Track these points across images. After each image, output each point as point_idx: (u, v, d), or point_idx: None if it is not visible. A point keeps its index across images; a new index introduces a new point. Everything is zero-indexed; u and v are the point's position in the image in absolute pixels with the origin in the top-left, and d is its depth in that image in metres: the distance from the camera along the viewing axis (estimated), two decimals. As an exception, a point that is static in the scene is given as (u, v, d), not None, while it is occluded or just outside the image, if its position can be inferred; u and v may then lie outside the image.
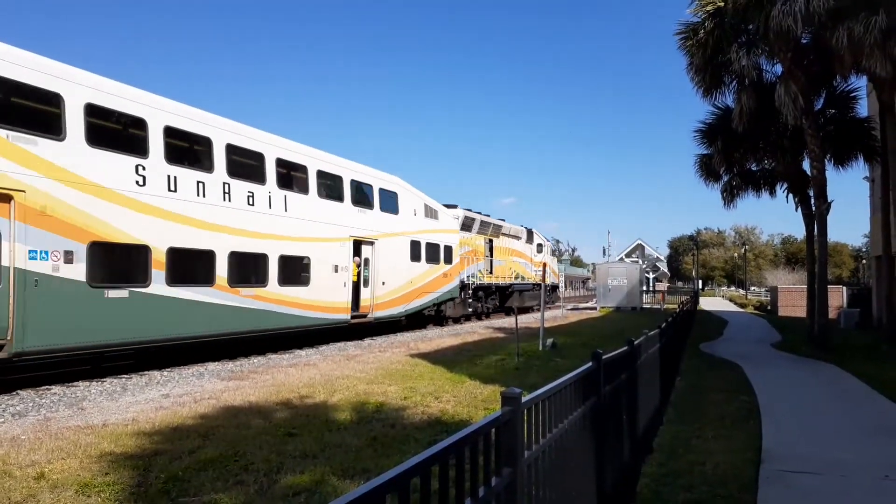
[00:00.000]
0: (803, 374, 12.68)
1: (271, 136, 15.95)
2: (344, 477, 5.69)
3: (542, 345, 15.98)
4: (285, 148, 16.37)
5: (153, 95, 12.79)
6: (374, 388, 10.20)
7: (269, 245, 15.28)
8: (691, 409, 9.01)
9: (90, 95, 11.28)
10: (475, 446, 2.09)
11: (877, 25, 13.44)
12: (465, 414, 8.36)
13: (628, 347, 5.13)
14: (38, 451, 6.49)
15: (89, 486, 5.42)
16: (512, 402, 2.34)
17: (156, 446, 6.67)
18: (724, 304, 56.10)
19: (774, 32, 14.73)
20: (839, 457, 6.47)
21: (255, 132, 15.41)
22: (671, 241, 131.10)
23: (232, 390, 10.07)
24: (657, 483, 5.64)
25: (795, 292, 37.30)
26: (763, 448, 6.81)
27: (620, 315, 33.86)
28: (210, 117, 14.14)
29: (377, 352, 15.67)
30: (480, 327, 24.53)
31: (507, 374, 11.97)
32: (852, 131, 19.19)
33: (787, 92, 15.89)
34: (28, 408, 9.35)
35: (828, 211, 17.18)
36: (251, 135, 15.21)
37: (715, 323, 28.92)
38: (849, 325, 25.81)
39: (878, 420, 8.43)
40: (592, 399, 3.74)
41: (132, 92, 12.28)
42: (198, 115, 13.79)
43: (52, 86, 10.63)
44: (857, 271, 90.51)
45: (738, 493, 5.39)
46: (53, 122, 10.66)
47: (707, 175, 21.07)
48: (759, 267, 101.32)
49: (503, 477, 2.27)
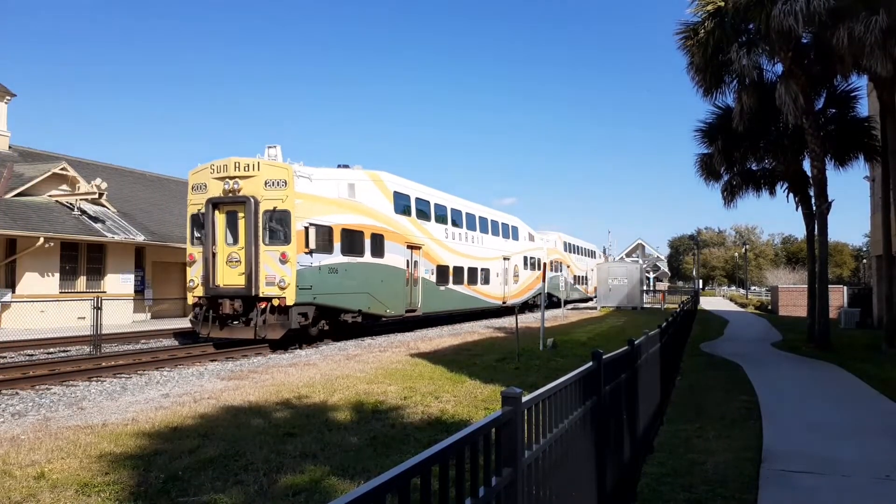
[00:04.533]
0: (804, 374, 12.67)
1: (472, 204, 28.73)
2: (344, 477, 5.68)
3: (542, 344, 15.98)
4: (478, 208, 29.23)
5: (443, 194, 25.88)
6: (374, 387, 10.19)
7: (477, 262, 27.86)
8: (692, 408, 9.00)
9: (437, 199, 25.02)
10: (475, 446, 2.09)
11: (877, 25, 13.42)
12: (465, 414, 8.36)
13: (628, 347, 5.12)
14: (38, 450, 6.48)
15: (89, 485, 5.42)
16: (512, 401, 2.34)
17: (155, 446, 6.67)
18: (725, 303, 56.08)
19: (775, 32, 14.71)
20: (840, 456, 6.46)
21: (470, 204, 28.43)
22: (671, 241, 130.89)
23: (232, 390, 10.06)
24: (658, 482, 5.63)
25: (796, 292, 37.30)
26: (764, 447, 6.80)
27: (621, 315, 33.85)
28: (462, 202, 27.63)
29: (377, 351, 15.66)
30: (481, 327, 24.52)
31: (508, 374, 11.96)
32: (853, 131, 19.16)
33: (787, 91, 15.86)
34: (28, 407, 9.35)
35: (828, 210, 17.16)
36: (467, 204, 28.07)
37: (715, 322, 28.91)
38: (849, 324, 25.80)
39: (879, 420, 8.42)
40: (593, 399, 3.73)
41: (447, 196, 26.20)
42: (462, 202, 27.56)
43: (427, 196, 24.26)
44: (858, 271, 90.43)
45: (739, 493, 5.38)
46: (427, 214, 23.97)
47: (707, 174, 21.03)
48: (760, 266, 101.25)
49: (503, 477, 2.26)
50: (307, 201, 16.69)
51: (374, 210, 19.97)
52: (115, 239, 26.15)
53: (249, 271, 16.07)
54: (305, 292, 16.42)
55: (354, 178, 19.51)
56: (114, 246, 26.91)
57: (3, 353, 15.60)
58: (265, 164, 16.55)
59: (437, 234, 24.28)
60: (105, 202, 27.62)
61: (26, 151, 29.79)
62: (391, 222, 20.87)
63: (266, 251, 16.18)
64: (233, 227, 16.67)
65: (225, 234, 16.73)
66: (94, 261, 26.77)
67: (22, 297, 22.63)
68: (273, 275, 16.06)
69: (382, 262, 20.07)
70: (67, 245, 25.41)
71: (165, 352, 16.29)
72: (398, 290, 21.06)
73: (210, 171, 16.97)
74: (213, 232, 16.55)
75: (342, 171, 19.83)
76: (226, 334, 16.63)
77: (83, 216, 25.94)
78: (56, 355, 16.00)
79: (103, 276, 27.06)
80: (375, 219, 19.92)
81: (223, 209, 16.75)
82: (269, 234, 16.28)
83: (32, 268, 24.16)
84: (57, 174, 26.53)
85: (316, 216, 16.95)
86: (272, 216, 16.24)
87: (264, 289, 16.10)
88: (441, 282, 24.52)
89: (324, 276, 17.14)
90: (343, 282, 18.04)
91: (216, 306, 16.41)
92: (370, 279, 19.36)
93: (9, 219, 22.73)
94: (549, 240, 41.06)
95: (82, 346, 17.26)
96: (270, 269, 16.10)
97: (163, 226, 30.09)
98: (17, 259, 23.89)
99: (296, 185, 16.34)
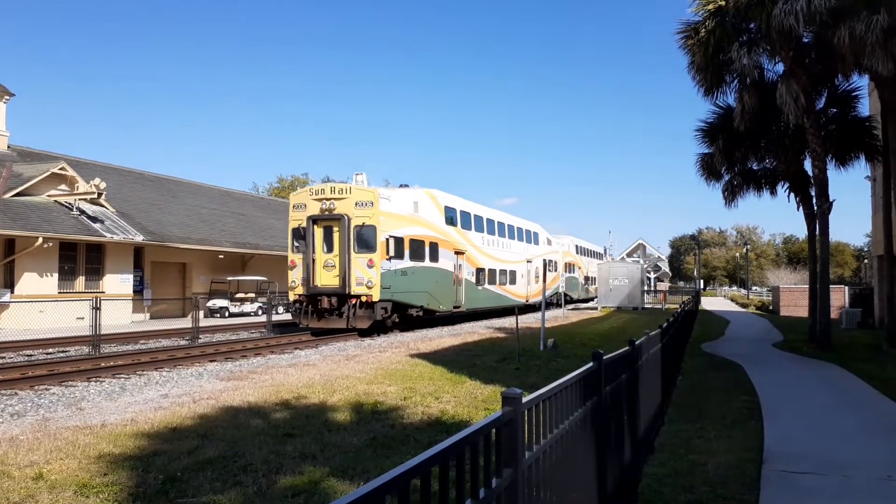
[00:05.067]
0: (805, 374, 12.65)
1: (502, 213, 33.43)
2: (343, 478, 5.65)
3: (542, 345, 15.95)
4: (506, 217, 33.58)
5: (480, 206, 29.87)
6: (373, 388, 10.16)
7: (506, 265, 31.68)
8: (693, 408, 8.97)
9: (476, 210, 28.44)
10: (475, 447, 2.07)
11: (878, 24, 13.39)
12: (465, 414, 8.33)
13: (629, 347, 5.09)
14: (37, 451, 6.46)
15: (88, 486, 5.39)
16: (512, 402, 2.32)
17: (154, 447, 6.64)
18: (726, 303, 56.08)
19: (776, 31, 14.68)
20: (841, 457, 6.43)
21: (500, 213, 32.92)
22: (673, 241, 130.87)
23: (231, 390, 10.04)
24: (659, 483, 5.60)
25: (797, 292, 37.26)
26: (765, 448, 6.77)
27: (622, 315, 33.83)
28: (494, 212, 32.06)
29: (377, 352, 15.64)
30: (481, 327, 24.50)
31: (508, 375, 11.94)
32: (854, 130, 19.13)
33: (788, 91, 15.83)
34: (27, 408, 9.33)
35: (829, 210, 17.13)
36: (498, 214, 32.50)
37: (717, 323, 28.89)
38: (851, 324, 25.77)
39: (880, 420, 8.39)
40: (593, 399, 3.71)
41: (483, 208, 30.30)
42: (494, 212, 31.87)
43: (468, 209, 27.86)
44: (859, 271, 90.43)
45: (740, 494, 5.36)
46: (468, 224, 27.31)
47: (708, 174, 20.99)
48: (761, 267, 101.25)
49: (504, 478, 2.24)
50: (388, 218, 20.93)
51: (430, 222, 24.20)
52: (114, 239, 26.15)
53: (343, 274, 20.01)
54: (386, 291, 20.40)
55: (417, 197, 23.97)
56: (113, 246, 26.91)
57: (1, 354, 15.59)
58: (356, 188, 20.91)
59: (476, 241, 28.31)
60: (104, 202, 27.61)
61: (25, 151, 29.79)
62: (443, 232, 24.94)
63: (356, 258, 20.11)
64: (328, 239, 20.72)
65: (322, 244, 20.69)
66: (92, 261, 26.77)
67: (20, 298, 22.62)
68: (362, 277, 20.04)
69: (437, 265, 24.09)
70: (66, 245, 25.40)
71: (164, 352, 16.28)
72: (448, 290, 25.01)
73: (309, 194, 21.43)
74: (313, 242, 20.48)
75: (408, 190, 24.59)
76: (322, 324, 20.28)
77: (82, 216, 25.93)
78: (55, 356, 15.99)
79: (102, 276, 27.06)
80: (432, 230, 24.11)
81: (321, 224, 20.71)
82: (358, 244, 20.22)
83: (31, 268, 24.16)
84: (56, 174, 26.53)
85: (393, 229, 21.11)
86: (361, 230, 20.24)
87: (355, 288, 19.96)
88: (479, 282, 28.39)
89: (398, 277, 21.22)
90: (411, 282, 22.10)
91: (315, 302, 20.35)
92: (429, 280, 23.40)
93: (7, 219, 22.72)
94: (564, 243, 44.72)
95: (81, 346, 17.26)
96: (360, 273, 20.08)
97: (162, 226, 30.09)
98: (16, 259, 23.89)
99: (380, 206, 20.50)
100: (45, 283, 24.53)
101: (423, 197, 24.36)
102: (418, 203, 23.61)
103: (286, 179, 73.96)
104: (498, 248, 30.97)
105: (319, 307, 20.20)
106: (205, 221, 34.79)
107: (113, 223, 26.99)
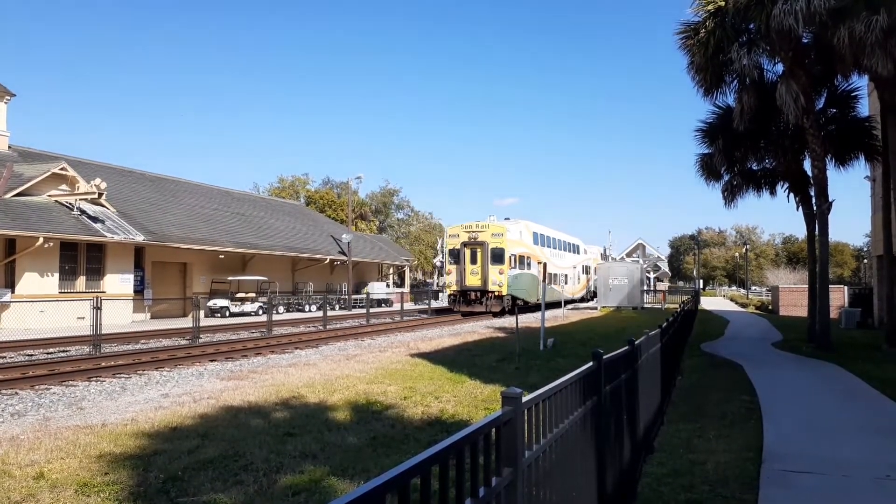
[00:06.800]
0: (804, 374, 12.66)
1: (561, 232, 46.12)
2: (343, 477, 5.67)
3: (542, 344, 15.96)
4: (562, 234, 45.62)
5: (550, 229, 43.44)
6: (373, 387, 10.18)
7: (561, 271, 43.33)
8: (693, 408, 8.98)
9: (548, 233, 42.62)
10: (475, 446, 2.07)
11: (878, 24, 13.40)
12: (465, 414, 8.34)
13: (629, 347, 5.10)
14: (38, 450, 6.47)
15: (88, 485, 5.41)
16: (512, 401, 2.32)
17: (155, 446, 6.66)
18: (726, 303, 56.08)
19: (775, 32, 14.68)
20: (840, 456, 6.45)
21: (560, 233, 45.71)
22: (672, 241, 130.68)
23: (231, 390, 10.05)
24: (658, 482, 5.62)
25: (797, 292, 37.27)
26: (764, 447, 6.78)
27: (621, 315, 33.85)
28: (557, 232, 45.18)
29: (377, 352, 15.65)
30: (481, 327, 24.51)
31: (508, 374, 11.95)
32: (853, 130, 19.13)
33: (788, 91, 15.83)
34: (27, 407, 9.34)
35: (829, 210, 17.14)
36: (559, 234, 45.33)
37: (716, 322, 28.90)
38: (850, 324, 25.76)
39: (880, 420, 8.40)
40: (593, 399, 3.72)
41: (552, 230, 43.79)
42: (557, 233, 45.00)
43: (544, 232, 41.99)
44: (859, 271, 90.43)
45: (740, 493, 5.37)
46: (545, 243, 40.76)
47: (708, 174, 20.99)
48: (761, 266, 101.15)
49: (503, 477, 2.25)
50: (511, 243, 33.68)
51: (527, 243, 36.59)
52: (115, 239, 26.16)
53: (483, 278, 32.70)
54: (509, 288, 32.90)
55: (520, 227, 36.31)
56: (113, 246, 26.92)
57: (2, 353, 15.60)
58: (491, 224, 34.01)
59: (548, 254, 39.71)
60: (104, 202, 27.62)
61: (26, 151, 29.80)
62: (532, 249, 37.19)
63: (492, 268, 32.73)
64: (473, 257, 33.08)
65: (469, 259, 33.06)
66: (93, 261, 26.78)
67: (21, 297, 22.63)
68: (495, 280, 32.72)
69: (530, 272, 35.74)
70: (67, 245, 25.42)
71: (165, 352, 16.28)
72: (536, 289, 34.80)
73: (461, 228, 34.10)
74: (464, 259, 33.14)
75: (514, 222, 36.39)
76: (469, 309, 32.80)
77: (82, 216, 25.94)
78: (55, 355, 15.99)
79: (103, 276, 27.07)
80: (527, 248, 36.49)
81: (469, 247, 33.19)
82: (492, 260, 32.78)
83: (32, 268, 24.17)
84: (56, 174, 26.54)
85: (512, 250, 33.80)
86: (494, 251, 32.89)
87: (491, 286, 32.65)
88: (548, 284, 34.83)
89: (514, 280, 33.49)
90: (519, 283, 34.16)
91: (465, 295, 33.13)
92: (526, 282, 35.03)
93: (8, 219, 22.73)
94: (594, 251, 56.95)
95: (82, 346, 17.26)
96: (494, 277, 32.71)
97: (162, 226, 30.09)
98: (17, 259, 23.90)
99: (507, 235, 33.44)
100: (46, 283, 24.55)
101: (523, 227, 36.88)
102: (521, 232, 36.02)
103: (286, 179, 73.95)
104: (558, 258, 42.66)
105: (468, 298, 33.00)
106: (205, 221, 34.81)
107: (113, 223, 27.01)
